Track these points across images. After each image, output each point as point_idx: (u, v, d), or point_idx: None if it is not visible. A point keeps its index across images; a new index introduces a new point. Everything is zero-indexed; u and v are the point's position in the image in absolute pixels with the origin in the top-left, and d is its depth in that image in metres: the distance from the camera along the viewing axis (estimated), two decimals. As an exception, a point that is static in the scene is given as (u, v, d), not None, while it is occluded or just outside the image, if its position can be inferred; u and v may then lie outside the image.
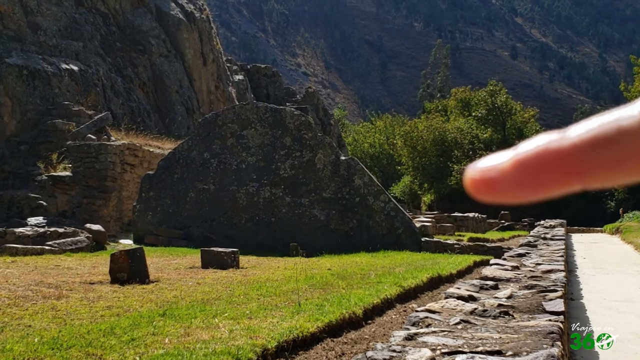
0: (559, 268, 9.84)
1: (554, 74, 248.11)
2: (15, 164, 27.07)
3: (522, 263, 10.82)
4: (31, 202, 24.88)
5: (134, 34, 37.38)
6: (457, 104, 69.19)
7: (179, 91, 37.90)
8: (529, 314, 6.60)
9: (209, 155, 23.11)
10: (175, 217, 23.02)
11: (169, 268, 14.96)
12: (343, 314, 7.82)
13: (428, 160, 61.34)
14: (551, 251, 13.29)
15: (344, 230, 21.52)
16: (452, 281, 14.08)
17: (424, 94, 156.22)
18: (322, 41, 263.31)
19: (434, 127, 61.93)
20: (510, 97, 63.35)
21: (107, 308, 8.63)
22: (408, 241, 21.03)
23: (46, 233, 20.06)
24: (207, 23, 42.45)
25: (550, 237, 18.17)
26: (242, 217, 22.42)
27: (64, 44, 32.49)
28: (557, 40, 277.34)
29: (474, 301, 7.18)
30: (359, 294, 9.64)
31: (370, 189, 21.65)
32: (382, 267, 14.74)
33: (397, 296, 10.40)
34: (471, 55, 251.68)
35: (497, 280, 8.76)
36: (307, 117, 22.95)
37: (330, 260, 17.40)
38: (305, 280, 11.68)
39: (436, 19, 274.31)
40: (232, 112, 23.37)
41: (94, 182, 25.18)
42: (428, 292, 12.12)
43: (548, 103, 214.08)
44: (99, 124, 27.81)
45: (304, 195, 22.03)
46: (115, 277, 11.99)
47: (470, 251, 20.65)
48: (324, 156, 22.09)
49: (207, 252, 15.66)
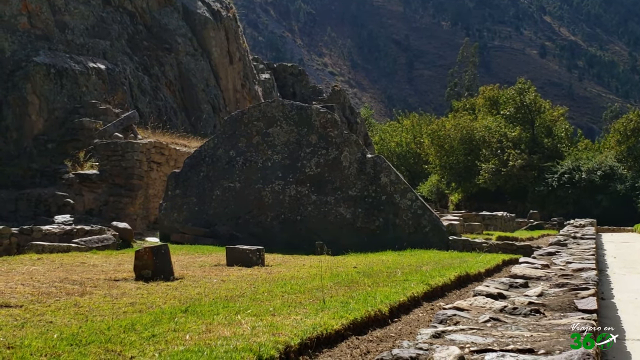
0: (590, 267, 9.61)
1: (583, 72, 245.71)
2: (43, 162, 27.16)
3: (552, 262, 10.59)
4: (58, 200, 24.94)
5: (161, 33, 37.41)
6: (485, 102, 68.50)
7: (205, 90, 37.88)
8: (560, 312, 6.39)
9: (234, 153, 23.01)
10: (201, 215, 22.95)
11: (194, 265, 14.88)
12: (368, 311, 7.65)
13: (455, 159, 60.87)
14: (582, 250, 13.03)
15: (370, 228, 21.32)
16: (480, 280, 13.86)
17: (451, 92, 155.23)
18: (349, 40, 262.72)
19: (461, 125, 61.41)
20: (539, 95, 62.63)
21: (130, 305, 8.54)
22: (435, 240, 20.78)
23: (72, 231, 20.08)
24: (234, 21, 42.41)
25: (580, 236, 17.84)
26: (268, 216, 22.30)
27: (91, 43, 32.59)
28: (587, 38, 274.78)
29: (503, 299, 6.98)
30: (385, 292, 9.47)
31: (397, 187, 21.43)
32: (409, 266, 14.54)
33: (424, 294, 10.22)
34: (499, 53, 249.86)
35: (527, 279, 8.55)
36: (333, 114, 22.78)
37: (356, 259, 17.24)
38: (331, 278, 11.53)
39: (464, 17, 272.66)
40: (258, 109, 23.26)
41: (120, 180, 25.20)
42: (456, 290, 11.92)
43: (577, 102, 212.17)
44: (126, 122, 27.85)
45: (329, 194, 21.85)
46: (139, 274, 11.92)
47: (499, 250, 20.37)
48: (350, 154, 21.91)
49: (232, 250, 15.56)
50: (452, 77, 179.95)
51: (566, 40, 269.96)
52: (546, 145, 58.80)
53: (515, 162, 54.88)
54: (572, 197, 52.33)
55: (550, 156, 56.87)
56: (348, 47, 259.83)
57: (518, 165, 54.72)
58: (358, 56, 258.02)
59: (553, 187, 53.26)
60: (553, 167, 54.66)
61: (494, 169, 55.73)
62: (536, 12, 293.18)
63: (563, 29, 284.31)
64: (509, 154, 55.99)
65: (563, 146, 59.87)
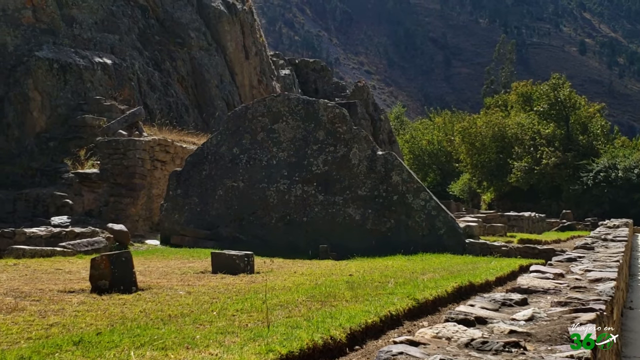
0: (610, 276, 8.00)
1: (623, 69, 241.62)
2: (44, 161, 26.07)
3: (569, 269, 8.99)
4: (57, 200, 23.83)
5: (174, 27, 36.17)
6: (518, 99, 66.82)
7: (219, 86, 36.58)
8: (548, 344, 4.82)
9: (238, 150, 21.71)
10: (203, 217, 21.69)
11: (176, 273, 13.63)
12: (314, 340, 6.13)
13: (487, 157, 59.44)
14: (608, 255, 11.37)
15: (381, 230, 19.87)
16: (487, 290, 12.39)
17: (487, 90, 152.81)
18: (385, 39, 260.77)
19: (493, 122, 60.00)
20: (574, 91, 60.74)
21: (48, 327, 7.23)
22: (451, 243, 19.28)
23: (61, 233, 18.92)
24: (250, 15, 40.97)
25: (611, 238, 16.12)
26: (273, 217, 20.96)
27: (99, 37, 31.45)
28: (627, 35, 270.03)
29: (482, 325, 5.40)
30: (355, 310, 8.00)
31: (410, 186, 19.95)
32: (412, 273, 13.11)
33: (407, 311, 8.74)
34: (538, 51, 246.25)
35: (530, 292, 7.02)
36: (342, 109, 21.34)
37: (359, 264, 15.93)
38: (309, 290, 10.14)
39: (502, 14, 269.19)
40: (263, 104, 21.91)
41: (122, 179, 23.94)
42: (454, 304, 10.42)
43: (618, 99, 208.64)
44: (131, 119, 26.60)
45: (337, 193, 20.45)
46: (95, 285, 10.60)
47: (519, 254, 18.77)
48: (360, 151, 20.47)
49: (218, 256, 14.27)
50: (489, 74, 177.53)
51: (606, 36, 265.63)
52: (581, 143, 57.15)
53: (548, 160, 53.42)
54: (608, 196, 50.81)
55: (586, 154, 55.31)
56: (384, 45, 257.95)
57: (552, 163, 53.26)
58: (394, 54, 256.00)
59: (588, 186, 51.76)
60: (588, 165, 53.16)
61: (527, 167, 54.29)
62: (576, 9, 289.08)
63: (603, 26, 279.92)
64: (542, 152, 54.54)
65: (599, 143, 58.14)
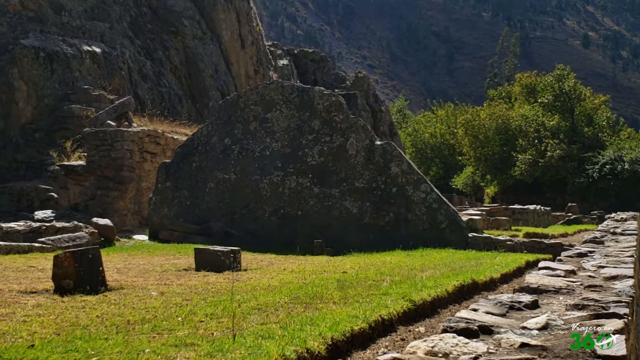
0: (627, 273, 6.99)
1: (627, 62, 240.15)
2: (29, 153, 25.06)
3: (580, 266, 7.98)
4: (41, 194, 22.84)
5: (167, 15, 35.08)
6: (522, 90, 65.67)
7: (214, 75, 35.50)
8: (567, 361, 3.83)
9: (230, 141, 20.70)
10: (194, 210, 20.69)
11: (156, 270, 12.66)
12: (285, 355, 5.09)
13: (490, 150, 58.39)
14: (619, 249, 10.36)
15: (379, 224, 18.87)
16: (492, 288, 11.39)
17: (490, 83, 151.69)
18: (388, 32, 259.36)
19: (496, 114, 58.91)
20: (579, 82, 59.67)
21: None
22: (453, 237, 18.29)
23: (41, 228, 17.95)
24: (246, 2, 39.84)
25: (621, 232, 15.11)
26: (266, 210, 19.96)
27: (89, 25, 30.37)
28: (631, 28, 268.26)
29: (486, 336, 4.38)
30: (341, 315, 6.96)
31: (409, 178, 18.92)
32: (410, 270, 12.09)
33: (402, 315, 7.70)
34: (541, 44, 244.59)
35: (540, 292, 6.06)
36: (338, 97, 20.29)
37: (355, 260, 14.91)
38: (294, 291, 9.14)
39: (505, 8, 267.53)
40: (255, 92, 20.88)
41: (109, 172, 22.90)
42: (455, 304, 9.42)
43: (622, 92, 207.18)
44: (120, 109, 25.56)
45: (334, 186, 19.44)
46: (59, 285, 9.56)
47: (525, 249, 17.78)
48: (357, 141, 19.44)
49: (202, 252, 13.27)
50: (492, 67, 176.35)
51: (610, 30, 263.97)
52: (586, 135, 56.14)
53: (553, 152, 52.41)
54: (614, 189, 49.90)
55: (591, 146, 54.28)
56: (387, 39, 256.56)
57: (556, 155, 52.23)
58: (397, 48, 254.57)
59: (594, 179, 50.79)
60: (594, 157, 52.15)
61: (531, 160, 53.29)
62: (579, 2, 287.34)
63: (607, 19, 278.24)
64: (546, 144, 53.55)
65: (604, 135, 57.11)
